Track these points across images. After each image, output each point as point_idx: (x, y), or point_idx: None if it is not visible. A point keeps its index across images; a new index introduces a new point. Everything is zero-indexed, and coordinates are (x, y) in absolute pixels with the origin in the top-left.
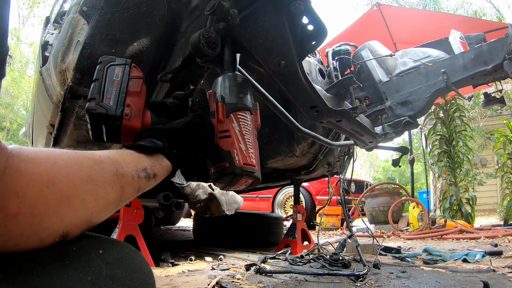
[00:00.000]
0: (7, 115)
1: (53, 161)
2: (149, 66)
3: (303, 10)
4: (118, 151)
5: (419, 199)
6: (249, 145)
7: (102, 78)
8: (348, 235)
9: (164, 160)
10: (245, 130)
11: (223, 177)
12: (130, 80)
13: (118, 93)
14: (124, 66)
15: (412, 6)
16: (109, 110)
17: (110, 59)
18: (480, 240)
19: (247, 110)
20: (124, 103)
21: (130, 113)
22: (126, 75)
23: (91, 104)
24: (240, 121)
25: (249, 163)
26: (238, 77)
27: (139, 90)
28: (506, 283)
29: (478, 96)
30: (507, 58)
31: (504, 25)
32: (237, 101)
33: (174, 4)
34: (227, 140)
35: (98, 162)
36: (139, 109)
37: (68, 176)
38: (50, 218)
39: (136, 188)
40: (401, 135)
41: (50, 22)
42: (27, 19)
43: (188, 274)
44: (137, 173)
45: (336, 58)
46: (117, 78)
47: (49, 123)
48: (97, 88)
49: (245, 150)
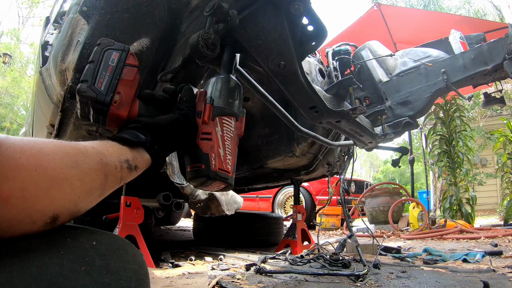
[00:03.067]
0: (7, 115)
1: (39, 148)
2: (149, 66)
3: (302, 10)
4: (102, 142)
5: (419, 199)
6: (228, 151)
7: (97, 61)
8: (348, 235)
9: (145, 154)
10: (227, 136)
11: (197, 178)
12: (125, 67)
13: (111, 79)
14: (121, 51)
15: (412, 6)
16: (98, 94)
17: (109, 42)
18: (480, 240)
19: (233, 116)
20: (115, 90)
21: (119, 101)
22: (121, 62)
23: (83, 85)
24: (224, 126)
25: (225, 169)
26: (231, 81)
27: (131, 79)
28: (506, 283)
29: (478, 96)
30: (507, 58)
31: (504, 25)
32: (225, 106)
33: (174, 4)
34: (207, 142)
35: (83, 151)
36: (128, 97)
37: (54, 161)
38: (41, 200)
39: (118, 178)
40: (401, 136)
41: (50, 22)
42: (27, 19)
43: (188, 277)
44: (120, 163)
45: (336, 58)
46: (112, 63)
47: (49, 123)
48: (91, 70)
49: (223, 156)
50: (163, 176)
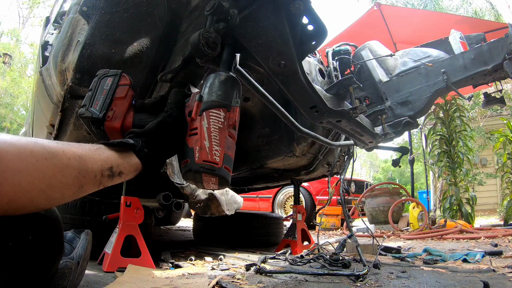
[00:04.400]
0: (7, 115)
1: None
2: (149, 66)
3: (302, 10)
4: (95, 147)
5: (419, 199)
6: (215, 142)
7: (94, 88)
8: (348, 235)
9: (134, 158)
10: (214, 128)
11: (185, 174)
12: (118, 88)
13: (104, 99)
14: (114, 76)
15: (412, 6)
16: (93, 114)
17: (105, 72)
18: (480, 240)
19: (222, 107)
20: (109, 107)
21: (112, 115)
22: (114, 84)
23: (82, 110)
24: (211, 118)
25: (210, 160)
26: (221, 75)
27: (123, 95)
28: (506, 283)
29: (478, 96)
30: (507, 58)
31: (504, 25)
32: (213, 99)
33: (174, 4)
34: (193, 137)
35: (63, 166)
36: (121, 111)
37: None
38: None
39: (96, 185)
40: (401, 135)
41: (50, 22)
42: (27, 19)
43: (188, 277)
44: (101, 172)
45: (336, 58)
46: (107, 87)
47: (49, 123)
48: (89, 97)
49: (209, 147)
50: (163, 176)
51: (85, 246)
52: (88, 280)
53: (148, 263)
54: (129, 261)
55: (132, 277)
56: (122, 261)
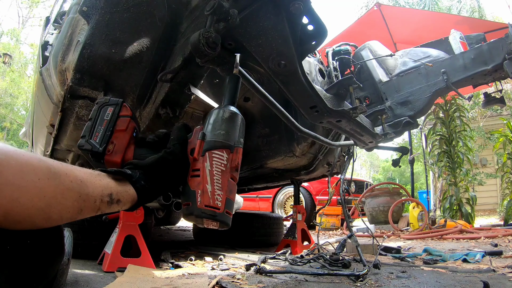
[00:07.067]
0: (7, 115)
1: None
2: (149, 66)
3: (302, 10)
4: (95, 173)
5: (419, 199)
6: (217, 186)
7: (94, 118)
8: (348, 235)
9: (131, 189)
10: (217, 171)
11: (187, 216)
12: (119, 119)
13: (104, 132)
14: (115, 106)
15: (412, 6)
16: (93, 147)
17: (105, 100)
18: (480, 240)
19: (225, 148)
20: (109, 140)
21: (112, 149)
22: (115, 114)
23: (82, 141)
24: (213, 160)
25: (212, 205)
26: (225, 112)
27: (124, 128)
28: (506, 283)
29: (478, 96)
30: (507, 58)
31: (504, 25)
32: (216, 139)
33: (174, 4)
34: (195, 179)
35: (65, 189)
36: (121, 145)
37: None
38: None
39: (95, 210)
40: (401, 135)
41: (50, 22)
42: (27, 19)
43: (188, 277)
44: (101, 197)
45: (336, 58)
46: (107, 118)
47: (49, 123)
48: (89, 127)
49: (211, 192)
50: None
51: (71, 243)
52: (88, 280)
53: (148, 263)
54: (129, 261)
55: (132, 277)
56: (122, 261)
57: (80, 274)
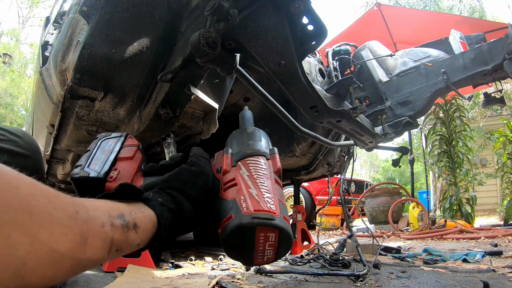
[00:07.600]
0: (7, 115)
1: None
2: (149, 66)
3: (302, 10)
4: (91, 199)
5: (419, 199)
6: (265, 189)
7: (93, 149)
8: (348, 235)
9: (147, 209)
10: (258, 174)
11: (230, 235)
12: (123, 148)
13: (106, 159)
14: (118, 138)
15: (412, 6)
16: (91, 173)
17: (106, 134)
18: (480, 240)
19: (260, 155)
20: (111, 167)
21: (115, 176)
22: (118, 144)
23: (76, 170)
24: (250, 166)
25: (264, 209)
26: (248, 128)
27: (131, 156)
28: (506, 283)
29: (478, 96)
30: (507, 58)
31: (504, 25)
32: (245, 148)
33: (174, 4)
34: (232, 189)
35: (51, 195)
36: (127, 173)
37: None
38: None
39: (107, 241)
40: (401, 135)
41: (50, 22)
42: (27, 19)
43: (188, 277)
44: (109, 219)
45: (336, 58)
46: (109, 148)
47: (49, 123)
48: (86, 157)
49: (257, 195)
50: None
51: None
52: (88, 280)
53: (148, 263)
54: (129, 261)
55: (132, 277)
56: (122, 261)
57: (79, 274)
